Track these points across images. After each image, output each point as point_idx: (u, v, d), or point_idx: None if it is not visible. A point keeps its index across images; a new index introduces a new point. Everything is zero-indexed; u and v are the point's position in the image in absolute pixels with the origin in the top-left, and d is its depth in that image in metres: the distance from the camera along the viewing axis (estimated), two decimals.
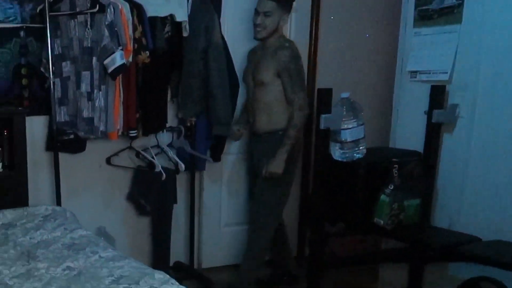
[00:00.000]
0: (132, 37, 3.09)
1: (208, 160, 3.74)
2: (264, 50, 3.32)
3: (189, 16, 3.46)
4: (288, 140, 3.24)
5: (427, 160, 3.14)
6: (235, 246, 3.92)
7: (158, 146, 3.62)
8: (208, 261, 3.99)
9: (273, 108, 3.31)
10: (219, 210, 3.88)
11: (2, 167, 3.12)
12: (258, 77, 3.28)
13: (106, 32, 3.01)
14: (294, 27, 3.99)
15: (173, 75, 3.55)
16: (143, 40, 3.18)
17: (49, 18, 3.15)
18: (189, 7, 3.49)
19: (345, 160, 2.92)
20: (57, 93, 3.32)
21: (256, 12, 3.24)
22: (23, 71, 3.30)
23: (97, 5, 3.04)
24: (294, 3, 3.73)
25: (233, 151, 3.84)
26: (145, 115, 3.37)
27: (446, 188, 3.19)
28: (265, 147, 3.35)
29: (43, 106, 3.37)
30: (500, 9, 2.86)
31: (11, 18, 3.26)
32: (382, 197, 2.88)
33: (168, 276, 2.16)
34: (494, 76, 2.91)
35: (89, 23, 3.13)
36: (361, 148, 2.91)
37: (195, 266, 4.02)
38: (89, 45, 3.15)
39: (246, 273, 3.51)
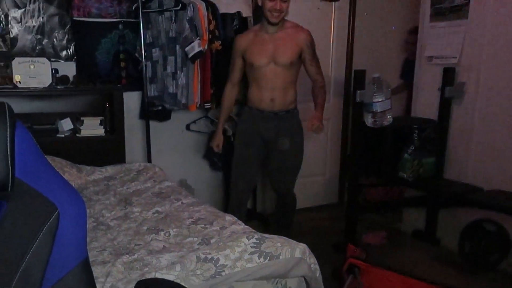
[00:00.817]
0: (207, 29, 3.38)
1: None
2: (276, 33, 3.14)
3: (253, 12, 3.76)
4: (323, 104, 3.20)
5: (440, 126, 3.38)
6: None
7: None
8: (270, 207, 4.06)
9: (291, 87, 3.21)
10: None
11: (105, 132, 3.40)
12: (285, 58, 3.11)
13: (187, 25, 3.30)
14: (337, 22, 4.30)
15: None
16: (216, 31, 3.47)
17: (141, 14, 3.41)
18: (253, 5, 3.77)
19: (375, 127, 3.09)
20: (148, 74, 3.57)
21: None
22: (121, 56, 3.61)
23: (180, 4, 3.34)
24: (337, 3, 3.95)
25: None
26: (218, 91, 3.58)
27: (456, 149, 3.41)
28: (282, 124, 3.22)
29: (137, 84, 3.63)
30: (499, 7, 3.09)
31: (112, 14, 3.55)
32: (405, 155, 3.16)
33: (235, 218, 2.32)
34: (493, 60, 3.14)
35: (173, 18, 3.40)
36: (388, 117, 3.07)
37: (260, 211, 4.23)
38: (174, 36, 3.42)
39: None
